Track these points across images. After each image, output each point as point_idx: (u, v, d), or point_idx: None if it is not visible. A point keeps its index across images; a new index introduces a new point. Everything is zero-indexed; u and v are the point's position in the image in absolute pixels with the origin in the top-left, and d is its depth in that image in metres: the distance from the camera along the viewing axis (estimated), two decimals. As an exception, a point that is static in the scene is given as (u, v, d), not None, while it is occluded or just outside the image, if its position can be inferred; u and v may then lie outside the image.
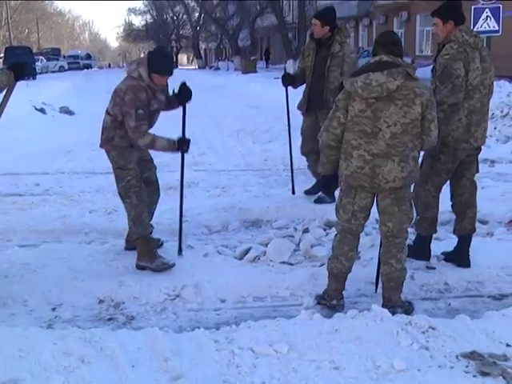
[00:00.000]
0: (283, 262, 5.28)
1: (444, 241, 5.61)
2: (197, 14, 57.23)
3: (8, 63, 5.32)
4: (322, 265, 5.11)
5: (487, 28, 12.78)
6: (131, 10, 76.68)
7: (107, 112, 5.15)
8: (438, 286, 4.87)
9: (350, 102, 4.04)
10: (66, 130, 13.19)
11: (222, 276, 4.92)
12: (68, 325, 4.21)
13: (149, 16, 71.40)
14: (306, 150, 6.90)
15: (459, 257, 5.10)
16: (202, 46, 61.41)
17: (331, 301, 4.43)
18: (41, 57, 51.48)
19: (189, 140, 5.20)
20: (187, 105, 5.40)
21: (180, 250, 5.38)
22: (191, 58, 78.39)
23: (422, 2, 34.32)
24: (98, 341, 3.58)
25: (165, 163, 9.24)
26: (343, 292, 4.49)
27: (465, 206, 5.07)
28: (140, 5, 71.88)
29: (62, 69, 55.86)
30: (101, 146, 5.21)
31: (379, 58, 4.07)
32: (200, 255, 5.42)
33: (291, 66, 25.27)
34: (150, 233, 5.36)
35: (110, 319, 4.38)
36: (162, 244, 5.58)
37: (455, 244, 5.18)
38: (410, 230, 4.43)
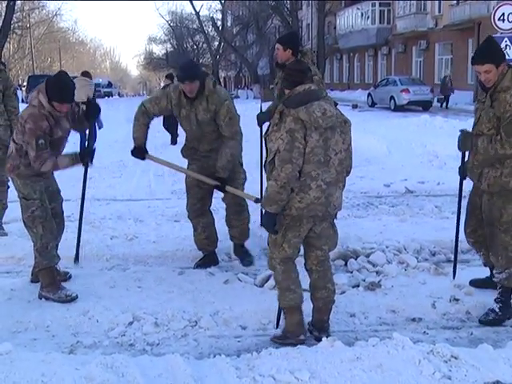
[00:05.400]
0: (304, 290, 5.26)
1: (465, 270, 5.58)
2: (216, 43, 57.81)
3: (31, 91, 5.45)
4: (343, 292, 5.11)
5: (506, 57, 12.77)
6: (151, 39, 77.12)
7: (12, 139, 5.07)
8: (459, 315, 4.83)
9: (307, 132, 3.93)
10: (87, 157, 13.26)
11: (242, 303, 4.93)
12: (89, 350, 4.25)
13: (169, 45, 72.24)
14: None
15: (493, 285, 4.93)
16: (222, 74, 61.90)
17: (298, 336, 4.32)
18: (63, 85, 52.09)
19: (92, 151, 5.27)
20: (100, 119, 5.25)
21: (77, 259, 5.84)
22: (211, 87, 78.81)
23: (441, 31, 34.60)
24: (119, 367, 3.60)
25: (183, 190, 9.29)
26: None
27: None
28: (160, 34, 72.29)
29: (83, 97, 56.51)
30: (7, 173, 5.17)
31: (308, 87, 4.07)
32: (220, 282, 5.45)
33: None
34: (56, 263, 5.23)
35: (131, 345, 4.40)
36: (70, 277, 5.51)
37: (488, 273, 5.06)
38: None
